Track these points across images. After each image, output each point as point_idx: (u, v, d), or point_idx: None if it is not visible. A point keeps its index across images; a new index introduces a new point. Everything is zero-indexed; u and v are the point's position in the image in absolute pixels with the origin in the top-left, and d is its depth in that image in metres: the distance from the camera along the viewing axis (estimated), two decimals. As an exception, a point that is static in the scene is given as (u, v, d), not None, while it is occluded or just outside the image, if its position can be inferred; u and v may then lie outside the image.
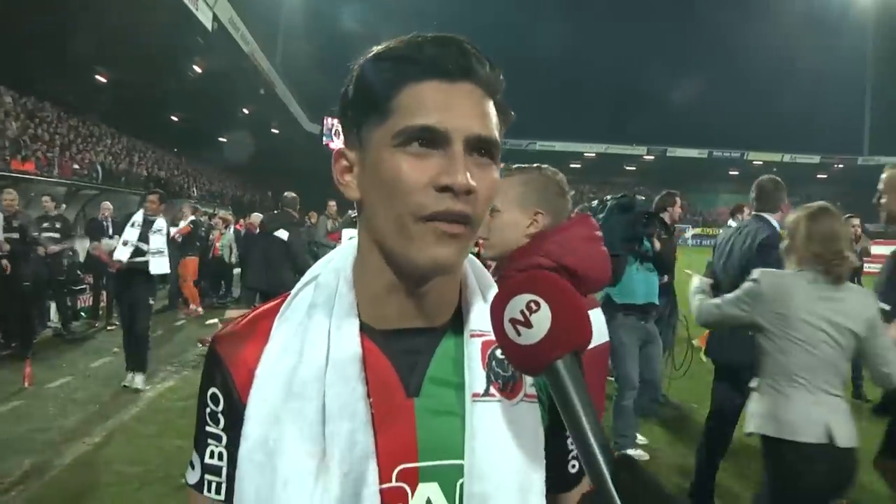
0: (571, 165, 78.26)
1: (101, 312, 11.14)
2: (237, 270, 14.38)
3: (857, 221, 7.53)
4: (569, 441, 0.92)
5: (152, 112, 36.37)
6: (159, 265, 7.32)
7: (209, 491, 0.88)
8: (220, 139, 44.01)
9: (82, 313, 11.25)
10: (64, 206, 12.76)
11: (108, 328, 10.48)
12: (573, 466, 0.95)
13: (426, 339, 0.88)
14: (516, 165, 2.03)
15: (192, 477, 0.90)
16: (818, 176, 76.92)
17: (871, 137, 79.38)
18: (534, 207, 1.91)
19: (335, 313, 0.86)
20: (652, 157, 74.15)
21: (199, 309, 12.68)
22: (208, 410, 0.89)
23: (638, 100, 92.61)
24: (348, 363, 0.83)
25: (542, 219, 1.91)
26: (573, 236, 1.80)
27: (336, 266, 0.92)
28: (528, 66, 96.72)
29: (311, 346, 0.84)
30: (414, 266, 0.81)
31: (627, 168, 78.35)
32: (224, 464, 0.87)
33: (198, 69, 32.95)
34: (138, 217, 7.37)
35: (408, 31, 0.83)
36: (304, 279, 0.95)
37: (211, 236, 14.32)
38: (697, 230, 67.37)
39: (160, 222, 7.44)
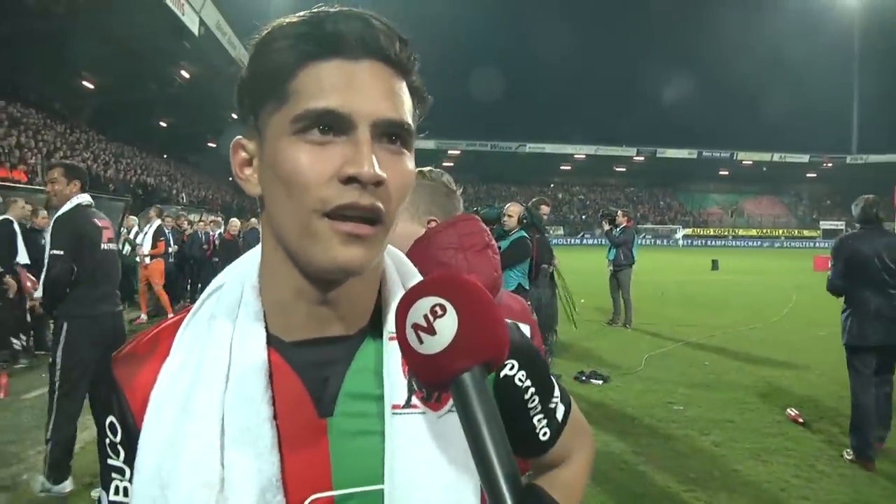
0: (562, 167, 78.88)
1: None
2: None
3: None
4: (535, 418, 0.90)
5: (140, 117, 36.40)
6: None
7: None
8: (209, 144, 43.93)
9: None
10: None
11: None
12: (545, 434, 0.92)
13: (341, 349, 0.78)
14: None
15: None
16: (807, 175, 77.74)
17: (859, 136, 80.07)
18: (426, 215, 1.80)
19: (238, 324, 0.77)
20: (642, 158, 74.55)
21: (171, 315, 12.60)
22: (108, 441, 0.79)
23: (628, 101, 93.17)
24: (251, 380, 0.73)
25: (434, 223, 1.81)
26: (437, 243, 1.70)
27: (241, 272, 0.83)
28: (519, 68, 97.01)
29: (210, 362, 0.75)
30: (318, 269, 0.71)
31: (617, 169, 78.76)
32: (130, 500, 0.77)
33: (185, 74, 33.02)
34: None
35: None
36: (209, 288, 0.85)
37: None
38: (688, 231, 67.71)
39: None
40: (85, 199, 4.63)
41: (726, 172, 78.47)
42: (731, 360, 8.65)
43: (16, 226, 7.84)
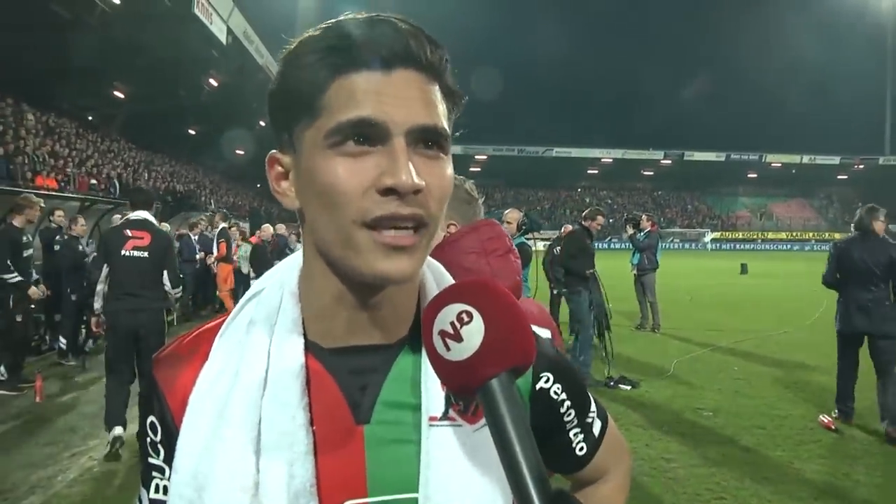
0: (589, 171, 78.42)
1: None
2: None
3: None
4: (572, 432, 0.91)
5: (169, 125, 36.88)
6: None
7: None
8: (238, 151, 44.41)
9: (97, 328, 11.28)
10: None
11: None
12: (581, 449, 0.93)
13: (379, 357, 0.79)
14: None
15: None
16: (839, 177, 76.39)
17: (892, 137, 78.45)
18: (446, 220, 1.83)
19: (277, 330, 0.78)
20: (669, 162, 73.80)
21: None
22: (148, 440, 0.81)
23: (654, 104, 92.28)
24: (289, 386, 0.74)
25: (454, 228, 1.84)
26: (460, 248, 1.70)
27: (280, 279, 0.83)
28: (544, 72, 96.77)
29: (248, 368, 0.75)
30: (361, 279, 0.71)
31: (645, 173, 78.14)
32: (168, 498, 0.78)
33: (213, 82, 33.37)
34: None
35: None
36: (248, 294, 0.86)
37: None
38: (716, 234, 66.93)
39: None
40: (133, 215, 5.68)
41: (755, 175, 77.49)
42: (761, 366, 8.53)
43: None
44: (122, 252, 5.40)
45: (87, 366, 8.39)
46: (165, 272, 5.66)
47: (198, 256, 13.25)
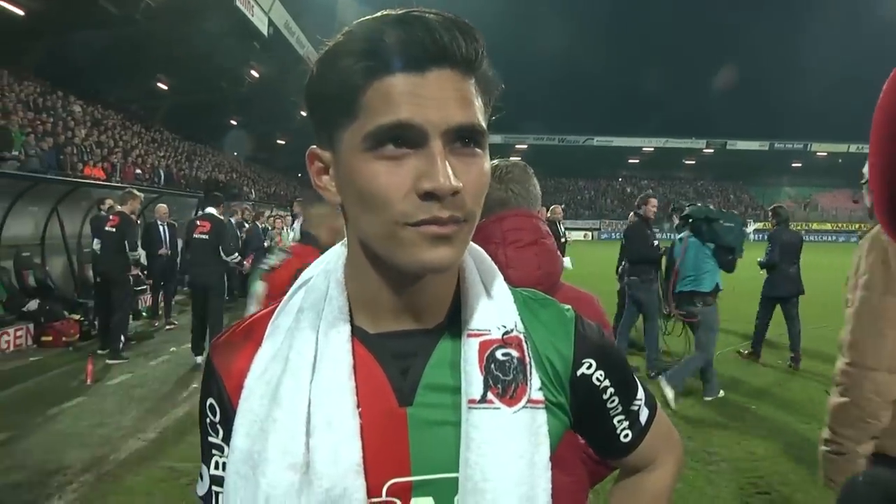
0: (630, 161, 77.33)
1: (160, 312, 11.43)
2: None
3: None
4: (616, 419, 0.92)
5: (211, 116, 37.47)
6: None
7: (217, 503, 0.86)
8: (279, 141, 44.91)
9: (143, 313, 11.59)
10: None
11: (168, 328, 10.73)
12: (626, 436, 0.94)
13: (421, 342, 0.82)
14: None
15: (201, 489, 0.88)
16: (888, 166, 73.96)
17: (945, 125, 75.70)
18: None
19: (324, 317, 0.82)
20: (711, 151, 72.37)
21: None
22: (208, 421, 0.87)
23: (697, 92, 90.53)
24: (336, 371, 0.78)
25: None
26: (482, 237, 1.65)
27: (327, 268, 0.88)
28: (585, 62, 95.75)
29: (297, 354, 0.80)
30: (406, 269, 0.74)
31: (686, 162, 76.75)
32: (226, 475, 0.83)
33: (255, 73, 33.75)
34: None
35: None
36: (297, 282, 0.91)
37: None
38: (759, 225, 65.56)
39: None
40: (203, 211, 8.78)
41: (799, 164, 75.60)
42: (805, 359, 8.35)
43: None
44: (194, 235, 8.23)
45: (127, 355, 8.53)
46: (220, 247, 8.16)
47: (266, 244, 13.25)
